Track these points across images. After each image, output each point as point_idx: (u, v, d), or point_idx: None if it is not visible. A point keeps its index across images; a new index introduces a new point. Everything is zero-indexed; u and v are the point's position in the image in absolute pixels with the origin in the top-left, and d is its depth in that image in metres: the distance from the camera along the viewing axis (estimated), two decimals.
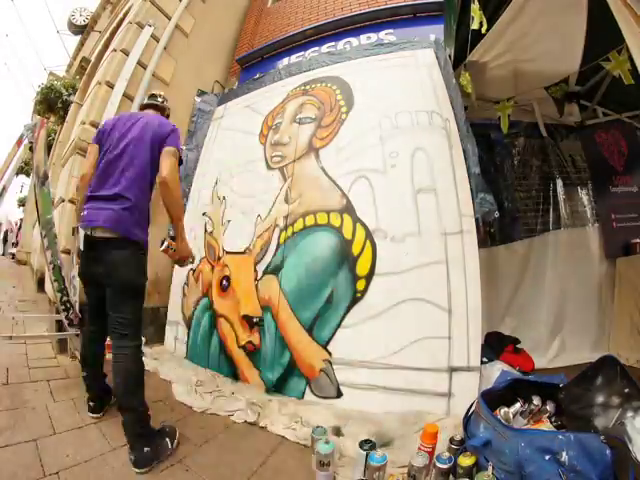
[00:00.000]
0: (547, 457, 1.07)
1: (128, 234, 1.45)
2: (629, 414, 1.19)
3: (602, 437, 1.06)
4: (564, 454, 1.04)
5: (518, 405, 1.39)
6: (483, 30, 1.94)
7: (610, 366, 1.34)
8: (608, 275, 2.97)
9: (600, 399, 1.30)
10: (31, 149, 2.13)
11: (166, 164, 1.48)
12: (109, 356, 1.49)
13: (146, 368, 2.35)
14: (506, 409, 1.36)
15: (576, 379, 1.43)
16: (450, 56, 2.45)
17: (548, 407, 1.39)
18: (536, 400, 1.40)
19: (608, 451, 1.01)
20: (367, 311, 2.06)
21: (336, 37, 3.87)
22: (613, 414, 1.23)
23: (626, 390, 1.25)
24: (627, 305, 2.79)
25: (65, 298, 2.00)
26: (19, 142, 2.21)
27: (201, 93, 3.84)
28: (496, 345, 2.47)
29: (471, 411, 1.45)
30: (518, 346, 2.55)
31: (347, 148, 2.51)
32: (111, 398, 1.70)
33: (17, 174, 10.59)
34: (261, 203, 2.69)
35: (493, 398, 1.40)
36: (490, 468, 1.13)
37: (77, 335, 2.07)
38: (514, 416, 1.36)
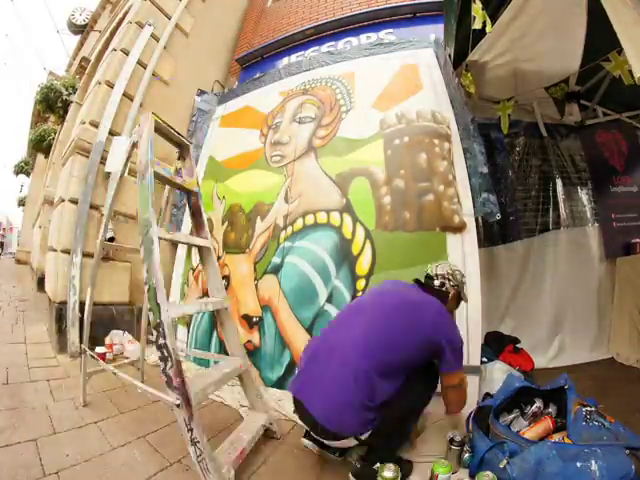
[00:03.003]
0: (578, 464, 1.06)
1: None
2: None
3: (627, 451, 1.06)
4: (592, 466, 1.03)
5: (516, 414, 1.41)
6: (488, 29, 1.93)
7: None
8: (608, 275, 2.97)
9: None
10: None
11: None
12: None
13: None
14: (507, 417, 1.38)
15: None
16: (450, 56, 2.45)
17: (550, 409, 1.39)
18: (538, 402, 1.40)
19: (633, 466, 1.01)
20: None
21: (336, 37, 3.86)
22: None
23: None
24: (627, 305, 2.79)
25: (161, 341, 1.16)
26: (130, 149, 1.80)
27: (201, 93, 3.84)
28: (496, 345, 2.46)
29: (473, 415, 1.45)
30: (518, 346, 2.54)
31: (347, 147, 2.51)
32: None
33: (17, 174, 10.58)
34: (261, 203, 2.69)
35: (501, 410, 1.42)
36: (504, 461, 1.14)
37: (178, 406, 1.14)
38: (511, 422, 1.37)
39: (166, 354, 1.15)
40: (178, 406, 1.13)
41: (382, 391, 1.20)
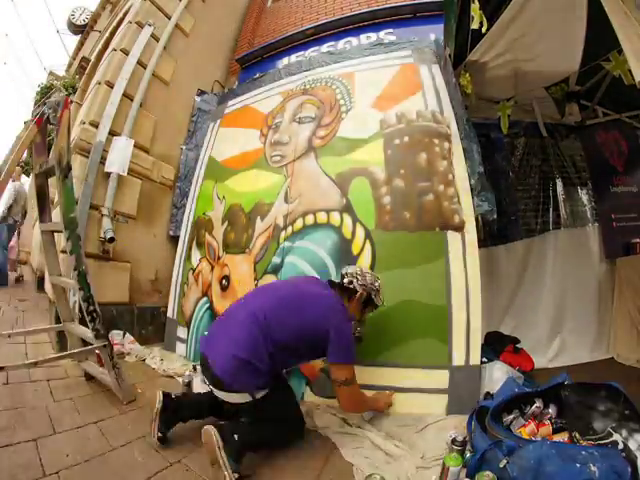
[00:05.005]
0: (577, 465, 1.06)
1: None
2: (623, 432, 1.25)
3: (623, 454, 1.08)
4: (592, 467, 1.04)
5: (516, 414, 1.41)
6: (483, 30, 1.94)
7: (616, 389, 1.37)
8: (608, 275, 2.97)
9: (601, 407, 1.36)
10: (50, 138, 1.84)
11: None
12: None
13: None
14: (507, 417, 1.38)
15: (581, 384, 1.47)
16: (450, 55, 2.45)
17: (550, 410, 1.39)
18: (538, 402, 1.40)
19: (629, 469, 1.03)
20: None
21: (336, 37, 3.87)
22: (609, 424, 1.29)
23: (626, 412, 1.30)
24: (627, 305, 2.79)
25: (92, 307, 1.75)
26: (39, 121, 1.78)
27: (201, 93, 3.84)
28: (496, 345, 2.46)
29: (474, 417, 1.45)
30: (518, 346, 2.54)
31: (347, 147, 2.51)
32: None
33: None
34: (261, 203, 2.69)
35: (499, 411, 1.42)
36: (504, 461, 1.14)
37: (105, 346, 1.77)
38: (511, 422, 1.37)
39: (95, 316, 1.76)
40: (105, 346, 1.76)
41: (271, 360, 1.36)
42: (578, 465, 1.04)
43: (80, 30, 8.64)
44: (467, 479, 1.19)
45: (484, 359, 1.95)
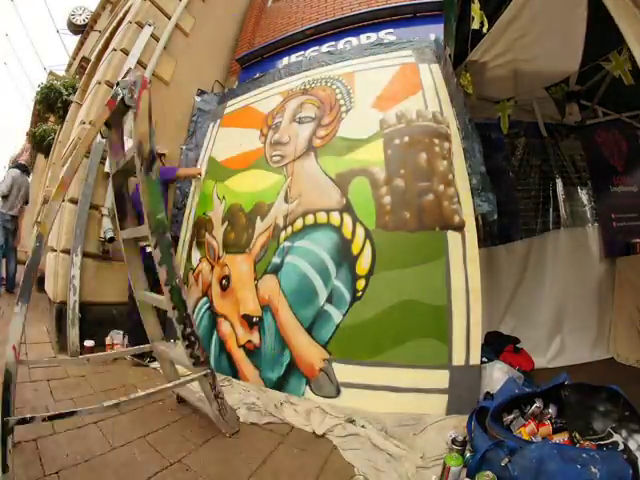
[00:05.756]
0: (578, 466, 1.07)
1: None
2: (623, 433, 1.27)
3: (624, 456, 1.09)
4: (592, 468, 1.04)
5: (516, 414, 1.41)
6: (484, 30, 1.94)
7: (615, 392, 1.39)
8: (608, 275, 2.97)
9: (601, 408, 1.37)
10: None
11: None
12: None
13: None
14: (507, 417, 1.39)
15: (582, 385, 1.47)
16: (450, 55, 2.45)
17: (550, 410, 1.39)
18: (538, 402, 1.40)
19: (631, 470, 1.04)
20: (367, 310, 2.06)
21: (336, 37, 3.87)
22: (609, 424, 1.31)
23: (626, 413, 1.32)
24: (627, 305, 2.79)
25: (189, 330, 1.50)
26: (111, 102, 1.44)
27: (201, 92, 3.84)
28: (496, 345, 2.47)
29: (474, 417, 1.45)
30: (518, 346, 2.55)
31: (347, 147, 2.52)
32: None
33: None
34: (261, 203, 2.69)
35: (499, 412, 1.42)
36: (506, 460, 1.14)
37: (206, 375, 1.52)
38: (511, 422, 1.37)
39: (193, 339, 1.52)
40: (206, 376, 1.52)
41: None
42: (579, 466, 1.04)
43: (80, 30, 8.64)
44: (467, 479, 1.19)
45: (484, 359, 1.95)
